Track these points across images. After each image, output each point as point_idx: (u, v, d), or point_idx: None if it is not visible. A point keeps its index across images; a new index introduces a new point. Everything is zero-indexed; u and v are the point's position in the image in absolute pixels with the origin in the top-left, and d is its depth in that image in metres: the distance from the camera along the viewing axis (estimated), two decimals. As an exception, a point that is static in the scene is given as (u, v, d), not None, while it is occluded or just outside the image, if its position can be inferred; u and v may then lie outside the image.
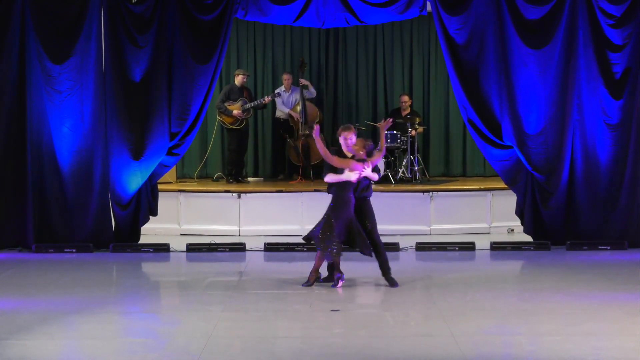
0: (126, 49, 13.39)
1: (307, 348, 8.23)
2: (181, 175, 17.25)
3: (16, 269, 12.30)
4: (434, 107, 17.87)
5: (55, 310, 9.64)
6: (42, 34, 13.34)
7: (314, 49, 17.97)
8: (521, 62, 13.36)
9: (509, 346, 8.15)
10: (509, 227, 14.68)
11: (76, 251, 13.31)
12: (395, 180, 15.88)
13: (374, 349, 8.11)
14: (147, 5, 13.41)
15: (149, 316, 9.80)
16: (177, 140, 13.61)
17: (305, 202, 14.78)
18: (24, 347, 8.14)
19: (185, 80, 13.53)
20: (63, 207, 13.54)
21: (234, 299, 10.36)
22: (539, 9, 13.32)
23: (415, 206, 14.78)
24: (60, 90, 13.40)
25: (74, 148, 13.46)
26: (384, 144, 11.19)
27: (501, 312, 9.50)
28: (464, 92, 13.50)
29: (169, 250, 13.42)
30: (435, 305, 9.86)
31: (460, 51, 13.50)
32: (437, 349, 8.03)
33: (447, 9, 13.45)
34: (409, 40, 17.86)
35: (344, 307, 9.70)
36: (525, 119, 13.42)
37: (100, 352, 8.11)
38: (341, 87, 18.00)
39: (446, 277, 11.59)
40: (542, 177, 13.45)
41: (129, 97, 13.46)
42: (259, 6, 13.66)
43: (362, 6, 13.59)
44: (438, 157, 17.86)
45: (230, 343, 8.44)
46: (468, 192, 15.13)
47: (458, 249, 13.42)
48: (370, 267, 12.52)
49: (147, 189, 13.66)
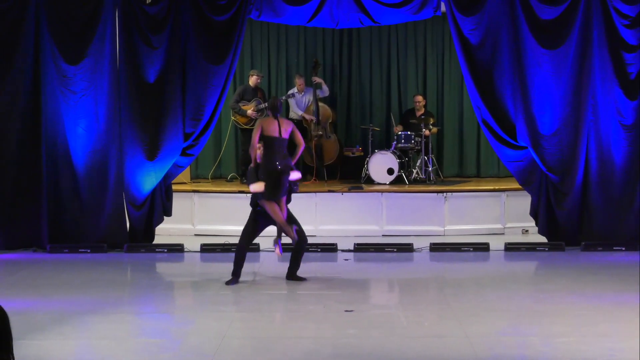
0: (140, 49, 13.43)
1: (321, 348, 8.23)
2: (195, 176, 17.27)
3: (31, 269, 12.34)
4: (448, 107, 17.84)
5: (69, 310, 9.67)
6: (56, 34, 13.39)
7: (327, 50, 17.97)
8: (535, 62, 13.33)
9: (523, 347, 8.13)
10: (523, 227, 14.65)
11: (90, 251, 13.34)
12: (409, 180, 15.87)
13: (388, 349, 8.10)
14: (161, 6, 13.45)
15: (163, 316, 9.82)
16: (191, 141, 13.63)
17: (319, 203, 14.79)
18: (39, 347, 8.17)
19: (199, 81, 13.56)
20: (78, 208, 13.57)
21: (247, 299, 10.37)
22: (554, 9, 13.29)
23: (429, 207, 14.76)
24: (75, 91, 13.44)
25: (89, 148, 13.50)
26: (300, 138, 11.28)
27: (515, 313, 9.48)
28: (478, 93, 13.49)
29: (183, 251, 13.44)
30: (449, 306, 9.85)
31: (474, 51, 13.48)
32: (451, 350, 8.02)
33: (461, 10, 13.43)
34: (423, 41, 17.83)
35: (358, 308, 9.69)
36: (540, 119, 13.39)
37: (114, 352, 8.13)
38: (355, 88, 17.99)
39: (460, 278, 11.57)
40: (556, 177, 13.42)
41: (143, 98, 13.50)
42: (272, 7, 13.67)
43: (376, 7, 13.58)
44: (452, 158, 17.82)
45: (244, 343, 8.45)
46: (482, 193, 15.11)
47: (472, 249, 13.39)
48: (383, 268, 12.53)
49: (161, 190, 13.70)
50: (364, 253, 13.27)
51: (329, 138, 16.69)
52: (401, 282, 11.71)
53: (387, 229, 14.60)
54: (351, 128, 18.00)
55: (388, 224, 14.64)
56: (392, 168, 15.69)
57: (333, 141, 16.73)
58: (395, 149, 16.04)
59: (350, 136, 17.91)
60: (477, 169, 17.78)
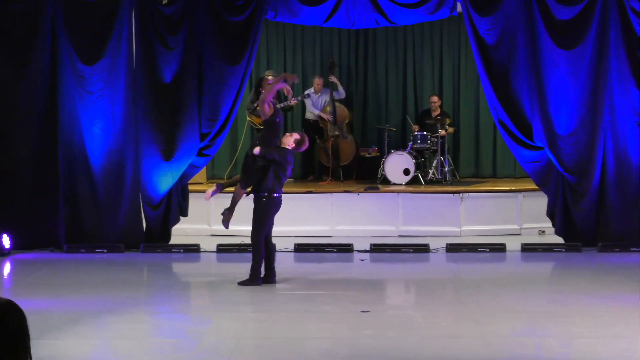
0: (157, 50, 13.45)
1: (337, 349, 8.23)
2: (211, 176, 17.28)
3: (48, 269, 12.39)
4: (464, 107, 17.81)
5: (86, 310, 9.69)
6: (73, 35, 13.42)
7: (343, 50, 17.97)
8: (552, 62, 13.29)
9: (540, 348, 8.11)
10: (539, 228, 14.60)
11: (107, 251, 13.37)
12: (425, 181, 15.85)
13: (404, 350, 8.09)
14: (177, 7, 13.47)
15: (179, 316, 9.84)
16: (208, 141, 13.65)
17: (335, 203, 14.79)
18: (56, 346, 8.19)
19: (216, 82, 13.57)
20: (94, 208, 13.61)
21: (263, 299, 10.37)
22: (570, 9, 13.24)
23: (445, 207, 14.74)
24: (92, 91, 13.47)
25: (105, 149, 13.53)
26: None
27: (532, 314, 9.46)
28: (495, 93, 13.46)
29: (200, 251, 13.46)
30: (465, 306, 9.83)
31: (490, 52, 13.45)
32: (467, 351, 8.01)
33: (477, 10, 13.41)
34: (439, 41, 17.81)
35: (374, 308, 9.68)
36: (556, 119, 13.35)
37: (130, 352, 8.15)
38: (371, 88, 17.99)
39: (476, 279, 11.55)
40: (573, 178, 13.38)
41: (160, 98, 13.53)
42: (289, 7, 13.68)
43: (392, 7, 13.57)
44: (468, 158, 17.79)
45: (260, 344, 8.45)
46: (498, 194, 15.07)
47: (488, 250, 13.36)
48: (399, 269, 12.52)
49: (177, 190, 13.72)
50: (380, 253, 13.25)
51: (346, 138, 16.68)
52: (417, 283, 11.70)
53: (403, 229, 14.58)
54: (367, 128, 17.99)
55: (404, 225, 14.62)
56: (408, 168, 15.67)
57: (349, 141, 16.72)
58: (412, 149, 16.03)
59: (366, 136, 17.90)
60: (493, 169, 17.74)
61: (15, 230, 13.27)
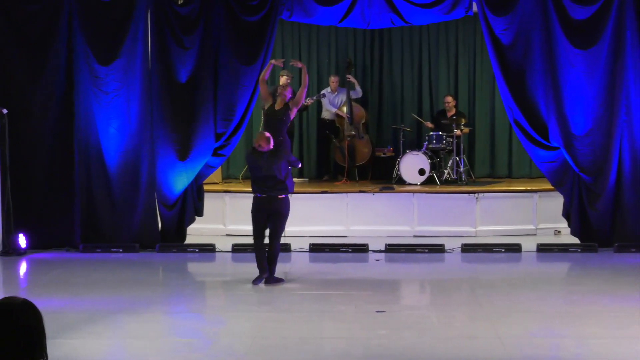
0: (172, 50, 13.48)
1: (352, 349, 8.23)
2: (227, 176, 17.30)
3: (64, 268, 12.42)
4: (479, 107, 17.77)
5: (101, 309, 9.72)
6: (89, 35, 13.46)
7: (359, 50, 17.95)
8: (568, 62, 13.25)
9: (555, 349, 8.09)
10: (555, 228, 14.56)
11: (123, 251, 13.40)
12: (440, 181, 15.83)
13: (419, 350, 8.09)
14: (193, 7, 13.49)
15: (195, 316, 9.86)
16: (223, 141, 13.67)
17: (350, 203, 14.78)
18: (71, 346, 8.22)
19: (231, 81, 13.59)
20: (110, 207, 13.64)
21: (278, 299, 10.38)
22: (586, 8, 13.19)
23: (460, 207, 14.71)
24: (108, 91, 13.51)
25: (121, 148, 13.56)
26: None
27: (547, 315, 9.43)
28: (510, 93, 13.42)
29: (215, 251, 13.47)
30: (480, 306, 9.82)
31: (506, 52, 13.42)
32: (483, 351, 7.99)
33: (493, 10, 13.37)
34: (455, 41, 17.78)
35: (389, 308, 9.68)
36: (572, 119, 13.30)
37: (146, 352, 8.17)
38: (386, 88, 17.96)
39: (492, 279, 11.53)
40: (589, 178, 13.33)
41: (175, 98, 13.55)
42: (304, 7, 13.68)
43: (408, 7, 13.55)
44: (483, 158, 17.75)
45: (275, 344, 8.45)
46: (514, 194, 15.04)
47: (504, 250, 13.33)
48: (414, 269, 12.51)
49: (193, 190, 13.74)
50: (395, 254, 13.24)
51: (362, 138, 16.67)
52: (432, 283, 11.69)
53: (418, 229, 14.56)
54: (382, 128, 17.97)
55: (419, 225, 14.60)
56: (424, 168, 15.65)
57: (366, 141, 16.71)
58: (427, 149, 16.01)
59: (382, 136, 17.88)
60: (508, 169, 17.70)
61: (31, 230, 13.32)
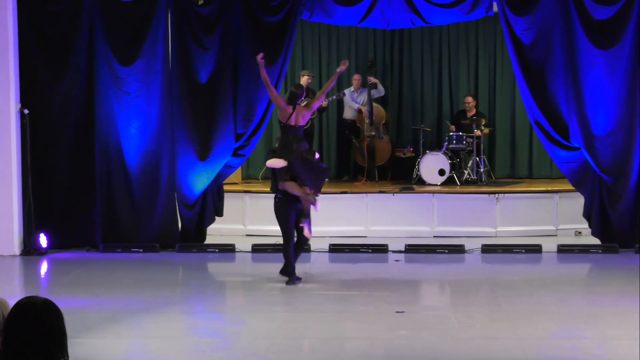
0: (192, 50, 13.51)
1: (372, 350, 8.23)
2: (246, 176, 17.31)
3: (84, 268, 12.47)
4: (499, 108, 17.72)
5: (122, 309, 9.76)
6: (110, 36, 13.50)
7: (379, 50, 17.92)
8: (589, 62, 13.19)
9: (576, 350, 8.07)
10: (576, 229, 14.49)
11: (143, 251, 13.44)
12: (460, 181, 15.78)
13: (439, 351, 8.08)
14: (213, 8, 13.51)
15: (215, 316, 9.89)
16: (243, 142, 13.69)
17: (370, 204, 14.76)
18: (92, 345, 8.25)
19: (251, 82, 13.60)
20: (130, 208, 13.68)
21: (298, 299, 10.39)
22: (608, 9, 13.13)
23: (480, 208, 14.67)
24: (128, 92, 13.55)
25: (141, 149, 13.60)
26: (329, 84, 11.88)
27: (568, 316, 9.41)
28: (531, 93, 13.38)
29: (235, 251, 13.48)
30: (500, 307, 9.79)
31: (527, 52, 13.37)
32: (503, 352, 7.98)
33: (513, 10, 13.33)
34: (475, 41, 17.73)
35: (409, 309, 9.67)
36: (594, 120, 13.24)
37: (166, 351, 8.19)
38: (406, 88, 17.93)
39: (512, 280, 11.50)
40: (610, 179, 13.27)
41: (195, 99, 13.58)
42: (324, 7, 13.68)
43: (428, 7, 13.52)
44: (504, 159, 17.69)
45: (295, 344, 8.46)
46: (534, 194, 14.99)
47: (524, 251, 13.29)
48: (434, 270, 12.50)
49: (213, 190, 13.76)
50: (415, 254, 13.22)
51: (382, 139, 16.65)
52: (452, 284, 11.67)
53: (438, 230, 14.53)
54: (402, 128, 17.94)
55: (439, 225, 14.57)
56: (444, 169, 15.62)
57: (386, 142, 16.68)
58: (447, 149, 15.97)
59: (402, 137, 17.85)
60: (529, 170, 17.63)
61: (52, 229, 13.38)
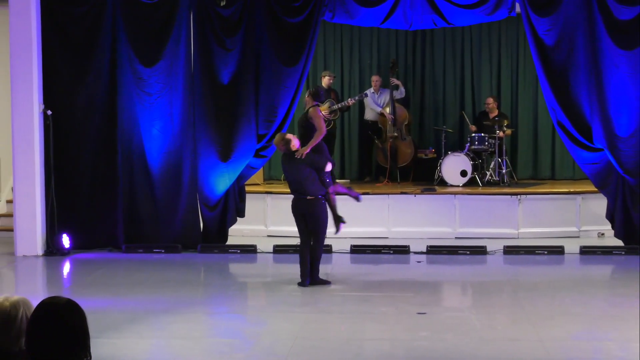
0: (214, 51, 13.54)
1: (393, 351, 8.22)
2: (268, 177, 17.33)
3: (106, 268, 12.52)
4: (522, 109, 17.66)
5: (144, 309, 9.78)
6: (132, 37, 13.55)
7: (400, 51, 17.91)
8: (612, 63, 13.12)
9: (599, 352, 8.03)
10: (599, 231, 14.44)
11: (165, 251, 13.48)
12: (482, 182, 15.75)
13: (460, 352, 8.06)
14: (235, 9, 13.53)
15: (236, 317, 9.90)
16: (265, 142, 13.70)
17: (392, 205, 14.75)
18: (114, 345, 8.28)
19: (273, 83, 13.62)
20: (152, 208, 13.72)
21: (320, 300, 10.38)
22: (631, 9, 13.06)
23: (503, 209, 14.63)
24: (151, 93, 13.59)
25: (163, 150, 13.64)
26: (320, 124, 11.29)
27: (590, 318, 9.36)
28: (553, 94, 13.33)
29: (256, 252, 13.50)
30: (522, 309, 9.76)
31: (549, 52, 13.33)
32: (524, 354, 7.95)
33: (536, 10, 13.28)
34: (497, 42, 17.68)
35: (430, 310, 9.65)
36: (617, 121, 13.18)
37: (187, 352, 8.21)
38: (428, 89, 17.90)
39: (534, 281, 11.46)
40: (633, 180, 13.20)
41: (217, 100, 13.61)
42: (346, 8, 13.67)
43: (450, 8, 13.49)
44: (526, 160, 17.64)
45: (316, 345, 8.46)
46: (557, 196, 14.94)
47: (547, 252, 13.25)
48: (456, 271, 12.47)
49: (234, 191, 13.78)
50: (436, 255, 13.20)
51: (405, 140, 16.63)
52: (474, 285, 11.64)
53: (460, 231, 14.51)
54: (424, 129, 17.92)
55: (461, 227, 14.55)
56: (466, 170, 15.59)
57: (408, 143, 16.66)
58: (469, 150, 15.94)
59: (424, 138, 17.83)
60: (551, 171, 17.58)
61: (74, 230, 13.45)
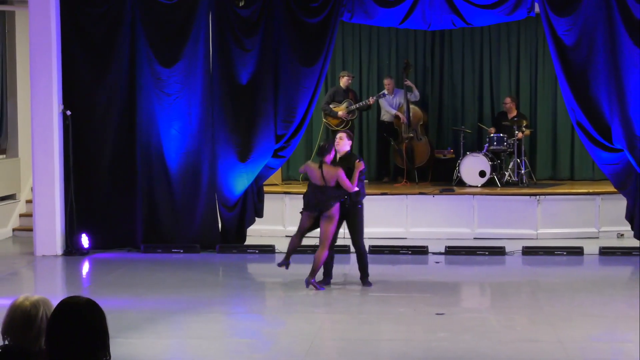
0: (233, 52, 13.56)
1: (411, 351, 8.21)
2: (287, 178, 17.33)
3: (125, 268, 12.56)
4: (541, 109, 17.60)
5: (162, 309, 9.81)
6: (151, 38, 13.59)
7: (419, 51, 17.88)
8: (632, 63, 13.06)
9: (618, 354, 8.00)
10: (618, 231, 14.38)
11: (183, 251, 13.50)
12: (501, 183, 15.70)
13: (479, 353, 8.04)
14: (254, 9, 13.55)
15: (254, 317, 9.91)
16: (283, 143, 13.71)
17: (410, 205, 14.73)
18: (133, 345, 8.31)
19: (291, 83, 13.63)
20: (171, 208, 13.75)
21: (338, 301, 10.39)
22: (651, 9, 13.02)
23: (521, 210, 14.59)
24: (169, 93, 13.62)
25: (182, 150, 13.67)
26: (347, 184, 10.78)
27: (610, 319, 9.33)
28: (573, 95, 13.28)
29: (274, 252, 13.49)
30: (541, 310, 9.73)
31: (568, 52, 13.28)
32: (543, 355, 7.93)
33: (555, 10, 13.24)
34: (516, 42, 17.62)
35: (449, 311, 9.64)
36: (636, 121, 13.11)
37: (206, 352, 8.23)
38: (446, 89, 17.86)
39: (553, 282, 11.43)
40: (653, 181, 13.15)
41: (236, 100, 13.63)
42: (364, 9, 13.66)
43: (469, 8, 13.46)
44: (545, 160, 17.58)
45: (334, 345, 8.47)
46: (576, 196, 14.88)
47: (566, 253, 13.20)
48: (474, 271, 12.45)
49: (253, 191, 13.80)
50: (455, 256, 13.18)
51: (420, 140, 16.61)
52: (493, 286, 11.62)
53: (478, 232, 14.47)
54: (442, 130, 17.88)
55: (480, 227, 14.51)
56: (484, 170, 15.55)
57: (424, 143, 16.64)
58: (488, 151, 15.90)
59: (442, 138, 17.79)
60: (571, 171, 17.50)
61: (94, 230, 13.49)
